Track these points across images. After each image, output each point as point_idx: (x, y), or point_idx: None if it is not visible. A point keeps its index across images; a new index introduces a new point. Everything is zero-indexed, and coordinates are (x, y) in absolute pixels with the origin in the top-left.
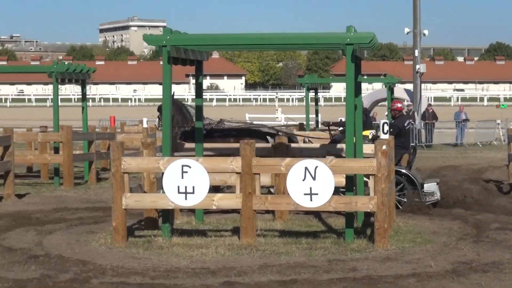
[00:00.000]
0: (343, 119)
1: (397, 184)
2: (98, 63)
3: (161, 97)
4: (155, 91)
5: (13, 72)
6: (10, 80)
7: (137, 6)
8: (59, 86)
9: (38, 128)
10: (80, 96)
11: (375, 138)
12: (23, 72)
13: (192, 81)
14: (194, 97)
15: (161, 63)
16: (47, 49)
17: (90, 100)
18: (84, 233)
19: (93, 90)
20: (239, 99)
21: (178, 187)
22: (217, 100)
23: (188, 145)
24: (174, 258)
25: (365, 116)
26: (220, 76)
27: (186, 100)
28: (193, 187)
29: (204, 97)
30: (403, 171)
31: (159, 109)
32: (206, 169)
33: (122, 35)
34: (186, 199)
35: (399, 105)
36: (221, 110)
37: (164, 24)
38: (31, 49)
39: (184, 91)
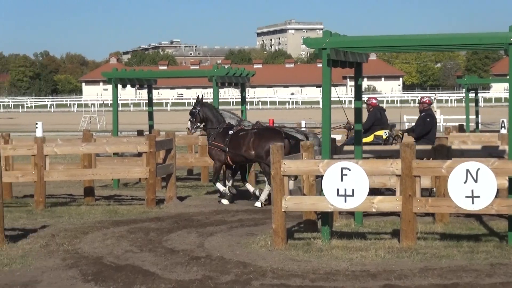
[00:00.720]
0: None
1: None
2: (256, 66)
3: (319, 99)
4: (313, 93)
5: (174, 77)
6: (170, 84)
7: (295, 9)
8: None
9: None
10: (239, 100)
11: (390, 138)
12: (184, 76)
13: (349, 83)
14: (351, 99)
15: (319, 65)
16: (206, 54)
17: (248, 103)
18: (244, 235)
19: (250, 93)
20: (397, 100)
21: (338, 189)
22: None
23: (347, 147)
24: (334, 261)
25: (379, 114)
26: (377, 78)
27: (344, 102)
28: (353, 189)
29: (362, 97)
30: None
31: (191, 113)
32: (365, 171)
33: (279, 38)
34: (345, 201)
35: (425, 99)
36: None
37: (321, 26)
38: (191, 53)
39: (341, 94)
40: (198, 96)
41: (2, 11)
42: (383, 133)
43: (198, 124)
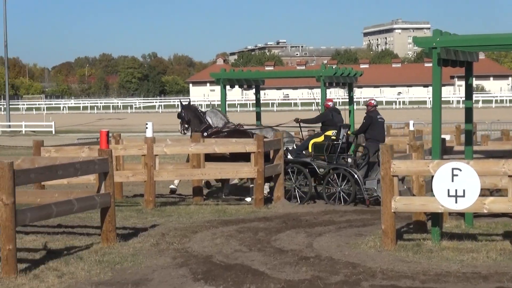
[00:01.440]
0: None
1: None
2: (362, 66)
3: (427, 99)
4: (420, 93)
5: (282, 77)
6: (276, 85)
7: (401, 8)
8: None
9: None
10: (347, 100)
11: (343, 138)
12: (291, 77)
13: (458, 82)
14: (459, 99)
15: (426, 65)
16: (312, 54)
17: (355, 103)
18: (353, 235)
19: (357, 94)
20: (506, 100)
21: (448, 190)
22: (483, 101)
23: (457, 147)
24: (444, 262)
25: (331, 115)
26: (486, 77)
27: (451, 102)
28: (464, 190)
29: (472, 97)
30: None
31: (178, 116)
32: (476, 172)
33: (386, 38)
34: (456, 202)
35: (372, 101)
36: (487, 111)
37: (428, 26)
38: (297, 54)
39: (448, 93)
40: (180, 100)
41: (112, 14)
42: (331, 134)
43: (186, 125)
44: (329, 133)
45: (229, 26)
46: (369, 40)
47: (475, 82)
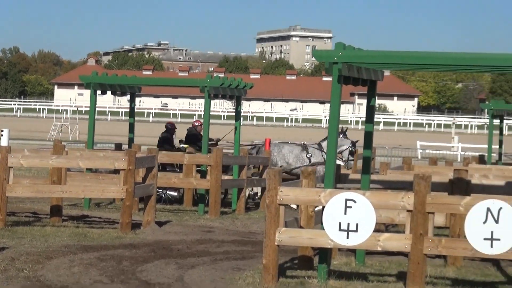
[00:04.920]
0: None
1: None
2: (252, 76)
3: (323, 117)
4: (315, 110)
5: (162, 85)
6: (154, 92)
7: (300, 14)
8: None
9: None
10: (232, 114)
11: None
12: (174, 85)
13: (358, 100)
14: (358, 119)
15: (324, 79)
16: (197, 59)
17: (241, 118)
18: (230, 269)
19: (245, 107)
20: (410, 123)
21: (340, 223)
22: (385, 123)
23: (352, 176)
24: None
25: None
26: (389, 96)
27: (349, 122)
28: (357, 224)
29: (373, 120)
30: None
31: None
32: (372, 204)
33: (281, 46)
34: (348, 237)
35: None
36: (388, 135)
37: (330, 35)
38: (180, 58)
39: (347, 112)
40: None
41: None
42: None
43: None
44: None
45: (104, 22)
46: (263, 47)
47: (378, 101)
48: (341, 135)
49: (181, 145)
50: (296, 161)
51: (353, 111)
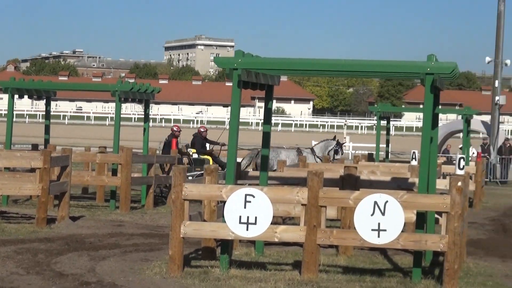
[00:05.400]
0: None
1: None
2: (161, 82)
3: (226, 119)
4: (219, 113)
5: (76, 90)
6: (69, 96)
7: (205, 24)
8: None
9: (97, 148)
10: (142, 116)
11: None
12: (85, 90)
13: (258, 104)
14: (259, 121)
15: (227, 84)
16: (109, 66)
17: (151, 121)
18: (138, 260)
19: (154, 110)
20: (306, 124)
21: (240, 217)
22: (283, 125)
23: (252, 173)
24: None
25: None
26: (287, 100)
27: (250, 123)
28: (256, 217)
29: (271, 121)
30: None
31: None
32: (270, 199)
33: (188, 53)
34: (247, 230)
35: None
36: (286, 135)
37: (232, 44)
38: (94, 65)
39: (248, 114)
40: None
41: None
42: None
43: None
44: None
45: (23, 30)
46: (171, 55)
47: (276, 105)
48: (330, 140)
49: (188, 149)
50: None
51: (254, 114)
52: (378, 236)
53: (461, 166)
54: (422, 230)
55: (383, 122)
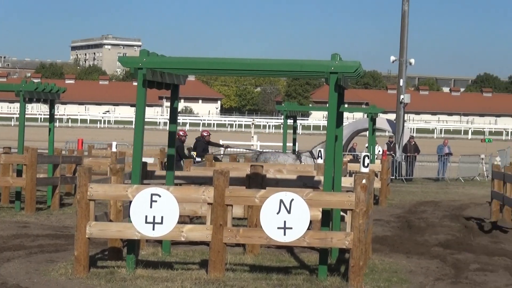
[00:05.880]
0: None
1: None
2: (68, 81)
3: (132, 119)
4: (127, 113)
5: None
6: None
7: (112, 23)
8: (26, 105)
9: (1, 149)
10: (48, 116)
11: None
12: None
13: (166, 104)
14: (166, 121)
15: (134, 84)
16: (15, 65)
17: (57, 121)
18: (44, 261)
19: (61, 110)
20: (214, 124)
21: (146, 216)
22: (191, 124)
23: (158, 172)
24: None
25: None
26: (195, 99)
27: (158, 123)
28: (162, 217)
29: (177, 121)
30: None
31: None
32: (176, 198)
33: (94, 53)
34: (153, 229)
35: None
36: (194, 135)
37: (139, 43)
38: None
39: (156, 114)
40: None
41: None
42: None
43: None
44: None
45: None
46: (77, 55)
47: (184, 104)
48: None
49: (191, 152)
50: None
51: (162, 113)
52: (284, 234)
53: (366, 164)
54: (327, 228)
55: (290, 121)
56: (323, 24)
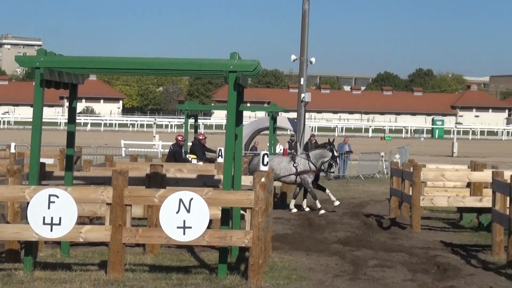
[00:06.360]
0: None
1: None
2: None
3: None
4: (27, 113)
5: None
6: None
7: (12, 23)
8: None
9: None
10: None
11: None
12: None
13: (67, 104)
14: (66, 121)
15: (34, 84)
16: None
17: None
18: None
19: None
20: (115, 124)
21: (44, 217)
22: (92, 124)
23: (57, 173)
24: None
25: None
26: (96, 99)
27: (59, 124)
28: (60, 218)
29: (78, 121)
30: None
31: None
32: (74, 199)
33: None
34: (51, 230)
35: None
36: (95, 135)
37: (40, 43)
38: None
39: (57, 115)
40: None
41: None
42: None
43: None
44: None
45: None
46: None
47: (85, 104)
48: (328, 146)
49: (188, 155)
50: (284, 171)
51: (63, 113)
52: (184, 234)
53: (265, 162)
54: (227, 227)
55: (192, 121)
56: (227, 23)
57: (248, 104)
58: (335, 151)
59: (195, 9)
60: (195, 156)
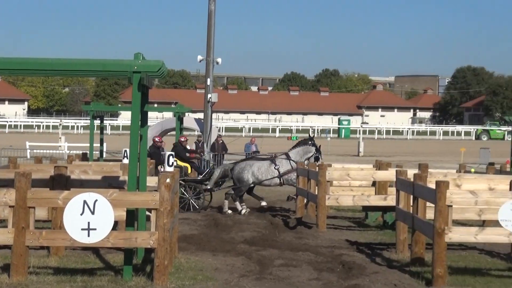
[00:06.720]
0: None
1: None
2: None
3: None
4: None
5: None
6: None
7: None
8: None
9: None
10: None
11: None
12: None
13: None
14: None
15: None
16: None
17: None
18: None
19: None
20: (21, 125)
21: None
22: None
23: None
24: None
25: None
26: (1, 100)
27: None
28: None
29: None
30: None
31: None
32: None
33: None
34: None
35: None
36: (0, 136)
37: None
38: None
39: None
40: None
41: None
42: None
43: None
44: None
45: None
46: None
47: None
48: (309, 142)
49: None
50: (266, 174)
51: None
52: (88, 235)
53: (170, 163)
54: (132, 228)
55: (97, 122)
56: (134, 24)
57: (155, 105)
58: (316, 145)
59: (101, 8)
60: (177, 159)
